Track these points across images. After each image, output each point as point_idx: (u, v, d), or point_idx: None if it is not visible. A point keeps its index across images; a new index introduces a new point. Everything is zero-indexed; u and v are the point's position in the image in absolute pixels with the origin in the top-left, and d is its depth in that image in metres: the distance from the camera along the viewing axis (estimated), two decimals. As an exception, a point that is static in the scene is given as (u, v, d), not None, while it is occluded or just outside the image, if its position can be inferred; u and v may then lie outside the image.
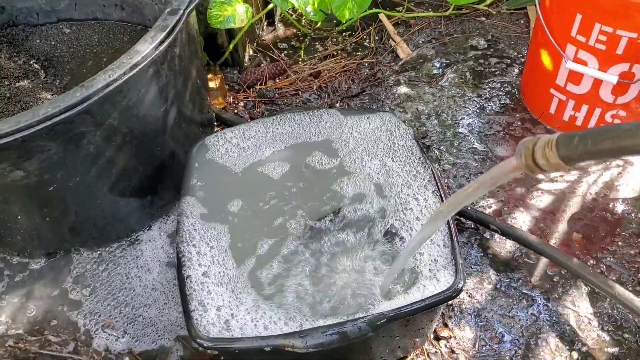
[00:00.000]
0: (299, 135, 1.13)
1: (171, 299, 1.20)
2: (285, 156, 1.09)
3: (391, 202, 1.00)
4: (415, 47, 1.69)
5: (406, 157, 1.06)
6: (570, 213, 1.29)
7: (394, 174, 1.03)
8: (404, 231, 0.96)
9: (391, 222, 0.98)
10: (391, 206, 0.99)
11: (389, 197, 1.00)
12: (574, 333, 1.10)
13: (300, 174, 1.06)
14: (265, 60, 1.71)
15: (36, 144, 0.94)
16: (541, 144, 0.55)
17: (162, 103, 1.10)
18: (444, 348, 1.09)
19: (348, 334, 0.85)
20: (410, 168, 1.04)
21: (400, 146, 1.07)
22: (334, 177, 1.05)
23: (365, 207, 1.00)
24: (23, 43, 1.50)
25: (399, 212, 0.98)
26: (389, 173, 1.04)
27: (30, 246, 1.23)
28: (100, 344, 1.15)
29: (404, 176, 1.03)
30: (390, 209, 0.99)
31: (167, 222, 1.30)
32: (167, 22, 0.99)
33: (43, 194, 1.06)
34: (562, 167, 0.53)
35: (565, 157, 0.52)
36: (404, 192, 1.01)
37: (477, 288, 1.17)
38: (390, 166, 1.04)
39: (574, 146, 0.51)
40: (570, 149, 0.52)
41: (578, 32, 1.23)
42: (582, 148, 0.51)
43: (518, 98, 1.53)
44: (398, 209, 0.99)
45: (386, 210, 0.99)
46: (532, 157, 0.56)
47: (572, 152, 0.52)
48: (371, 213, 0.99)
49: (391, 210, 0.99)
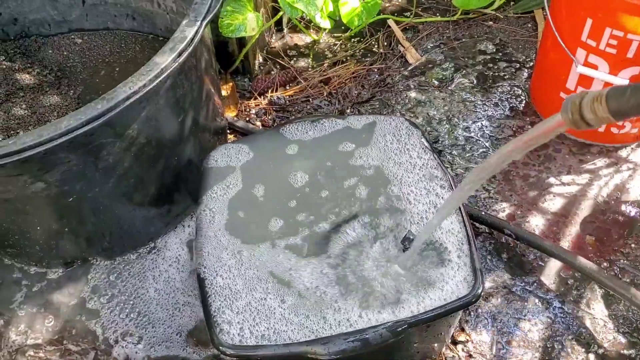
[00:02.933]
0: (314, 141, 1.14)
1: (189, 306, 1.21)
2: (301, 163, 1.10)
3: (409, 207, 1.01)
4: (424, 52, 1.71)
5: (421, 161, 1.06)
6: (583, 216, 1.30)
7: (410, 179, 1.04)
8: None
9: (408, 227, 0.98)
10: (408, 211, 1.00)
11: (407, 203, 1.01)
12: (590, 335, 1.11)
13: (317, 180, 1.07)
14: (275, 67, 1.72)
15: (57, 156, 0.95)
16: (589, 97, 0.55)
17: (179, 113, 1.11)
18: (462, 352, 1.10)
19: (369, 340, 0.86)
20: (426, 172, 1.05)
21: (415, 150, 1.08)
22: (351, 182, 1.06)
23: (382, 212, 1.01)
24: (36, 54, 1.51)
25: (416, 217, 0.99)
26: (405, 178, 1.05)
27: (48, 256, 1.24)
28: (120, 352, 1.16)
29: (421, 181, 1.04)
30: (407, 214, 1.00)
31: (183, 230, 1.31)
32: (186, 33, 1.00)
33: (62, 205, 1.07)
34: (610, 121, 0.54)
35: (616, 110, 0.53)
36: (421, 197, 1.02)
37: (492, 292, 1.18)
38: (406, 171, 1.05)
39: (626, 99, 0.52)
40: (622, 102, 0.52)
41: (588, 37, 1.24)
42: (635, 100, 0.51)
43: (528, 102, 1.54)
44: (415, 214, 0.99)
45: (403, 215, 1.00)
46: (579, 111, 0.56)
47: (623, 105, 0.52)
48: (388, 218, 1.00)
49: (409, 215, 1.00)
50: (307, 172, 1.08)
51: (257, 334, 0.89)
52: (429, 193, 1.02)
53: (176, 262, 1.27)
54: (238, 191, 1.07)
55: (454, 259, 0.93)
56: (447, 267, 0.92)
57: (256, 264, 0.97)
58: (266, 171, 1.10)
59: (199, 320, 1.19)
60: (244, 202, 1.05)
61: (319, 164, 1.09)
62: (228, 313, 0.91)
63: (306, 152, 1.12)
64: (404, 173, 1.06)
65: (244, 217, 1.03)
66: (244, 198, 1.06)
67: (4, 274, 1.30)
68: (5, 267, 1.31)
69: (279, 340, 0.89)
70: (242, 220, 1.03)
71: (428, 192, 1.02)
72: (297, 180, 1.07)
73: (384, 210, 1.01)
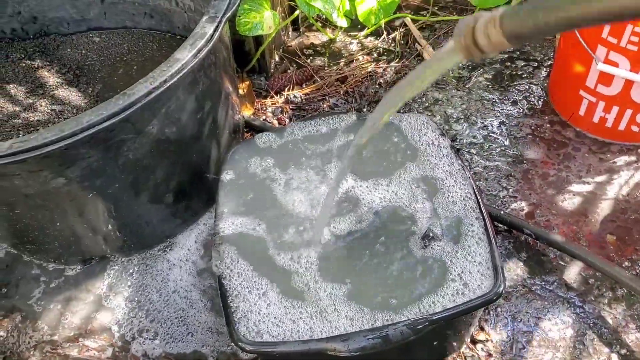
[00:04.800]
0: (332, 139, 1.13)
1: (206, 304, 1.21)
2: (320, 161, 1.10)
3: (427, 205, 1.00)
4: (441, 50, 1.70)
5: (441, 159, 1.06)
6: (603, 215, 1.28)
7: (429, 177, 1.04)
8: (443, 234, 0.96)
9: (428, 225, 0.98)
10: (428, 209, 0.99)
11: (426, 201, 1.00)
12: (611, 335, 1.10)
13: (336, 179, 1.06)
14: (291, 66, 1.72)
15: (78, 151, 0.95)
16: (483, 21, 0.50)
17: (198, 110, 1.11)
18: (481, 351, 1.09)
19: (390, 337, 0.85)
20: (445, 170, 1.04)
21: (434, 148, 1.08)
22: (371, 181, 1.05)
23: (401, 210, 1.01)
24: (55, 52, 1.52)
25: (436, 215, 0.98)
26: (424, 176, 1.04)
27: (67, 253, 1.24)
28: (138, 349, 1.16)
29: (440, 178, 1.03)
30: (427, 212, 0.99)
31: (201, 228, 1.32)
32: (206, 29, 1.00)
33: (82, 201, 1.08)
34: (505, 46, 0.50)
35: (512, 33, 0.48)
36: (440, 195, 1.01)
37: (512, 291, 1.17)
38: (425, 169, 1.05)
39: (521, 19, 0.47)
40: (517, 23, 0.48)
41: (609, 34, 1.23)
42: (532, 20, 0.46)
43: (546, 100, 1.52)
44: (435, 212, 0.99)
45: (423, 213, 0.99)
46: (472, 36, 0.51)
47: (519, 27, 0.48)
48: (408, 216, 0.99)
49: (428, 213, 0.99)
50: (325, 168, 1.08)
51: (276, 331, 0.89)
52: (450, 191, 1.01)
53: (192, 260, 1.27)
54: (256, 188, 1.07)
55: (475, 257, 0.93)
56: (468, 265, 0.92)
57: (274, 260, 0.97)
58: (285, 168, 1.09)
59: (215, 317, 1.19)
60: (263, 198, 1.05)
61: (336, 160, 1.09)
62: (247, 310, 0.91)
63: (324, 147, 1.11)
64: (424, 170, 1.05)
65: (263, 213, 1.03)
66: (262, 194, 1.06)
67: (23, 270, 1.30)
68: (24, 263, 1.31)
69: (298, 336, 0.88)
70: (261, 217, 1.02)
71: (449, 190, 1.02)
72: (314, 176, 1.07)
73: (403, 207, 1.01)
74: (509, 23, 0.48)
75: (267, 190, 1.07)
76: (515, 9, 0.48)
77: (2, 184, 0.98)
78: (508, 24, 0.48)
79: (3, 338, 1.21)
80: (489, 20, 0.50)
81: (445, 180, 1.03)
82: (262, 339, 0.89)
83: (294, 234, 0.99)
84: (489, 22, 0.49)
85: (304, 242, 0.98)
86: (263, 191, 1.06)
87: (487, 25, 0.50)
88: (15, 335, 1.21)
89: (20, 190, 1.00)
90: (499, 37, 0.49)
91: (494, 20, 0.49)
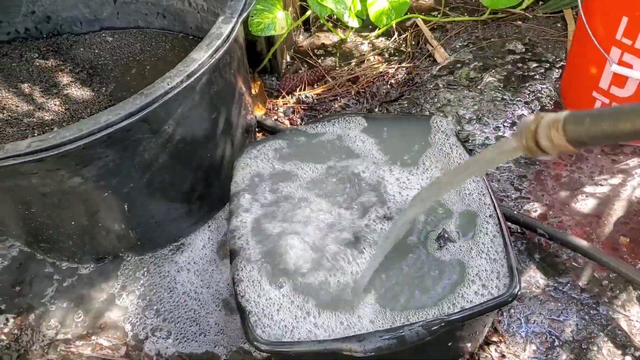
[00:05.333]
0: (345, 139, 1.13)
1: (218, 304, 1.21)
2: (332, 161, 1.10)
3: (443, 205, 1.00)
4: (452, 51, 1.70)
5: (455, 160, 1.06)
6: (616, 217, 1.28)
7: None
8: (457, 235, 0.96)
9: (443, 226, 0.98)
10: (443, 210, 1.00)
11: (441, 201, 1.01)
12: (626, 338, 1.09)
13: (349, 179, 1.06)
14: (302, 66, 1.72)
15: (95, 150, 0.96)
16: (545, 123, 0.50)
17: (212, 110, 1.11)
18: (494, 352, 1.09)
19: (405, 338, 0.85)
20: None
21: (448, 149, 1.08)
22: (384, 182, 1.05)
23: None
24: (68, 51, 1.53)
25: (451, 216, 0.98)
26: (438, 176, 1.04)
27: (81, 251, 1.25)
28: (151, 348, 1.17)
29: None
30: (441, 213, 0.99)
31: (214, 227, 1.32)
32: (222, 29, 1.00)
33: (97, 200, 1.08)
34: (568, 150, 0.50)
35: (575, 139, 0.48)
36: (454, 195, 1.01)
37: (525, 292, 1.17)
38: (439, 169, 1.05)
39: (586, 127, 0.47)
40: (581, 131, 0.47)
41: (624, 35, 1.23)
42: (596, 129, 0.46)
43: (558, 101, 1.52)
44: (450, 213, 0.99)
45: (438, 214, 0.99)
46: (534, 138, 0.51)
47: (583, 134, 0.47)
48: (422, 217, 0.99)
49: (443, 214, 0.99)
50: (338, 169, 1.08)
51: (292, 331, 0.89)
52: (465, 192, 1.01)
53: (205, 259, 1.28)
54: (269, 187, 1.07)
55: (490, 258, 0.93)
56: (483, 266, 0.92)
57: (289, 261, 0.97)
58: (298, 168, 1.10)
59: (227, 318, 1.19)
60: (276, 197, 1.05)
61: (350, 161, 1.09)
62: (262, 309, 0.91)
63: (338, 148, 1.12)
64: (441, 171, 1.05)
65: (277, 212, 1.03)
66: (275, 194, 1.06)
67: (37, 268, 1.31)
68: (38, 262, 1.32)
69: (313, 336, 0.88)
70: (275, 216, 1.03)
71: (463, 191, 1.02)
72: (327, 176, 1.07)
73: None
74: (572, 129, 0.48)
75: (281, 190, 1.07)
76: (580, 115, 0.48)
77: (20, 182, 0.99)
78: (572, 130, 0.48)
79: (17, 336, 1.22)
80: (551, 124, 0.49)
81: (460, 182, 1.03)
82: (278, 338, 0.89)
83: (310, 232, 1.00)
84: (552, 125, 0.49)
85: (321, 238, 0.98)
86: (277, 190, 1.07)
87: (550, 129, 0.49)
88: (29, 334, 1.22)
89: (37, 189, 1.01)
90: (562, 141, 0.49)
91: (557, 124, 0.49)
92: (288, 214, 1.03)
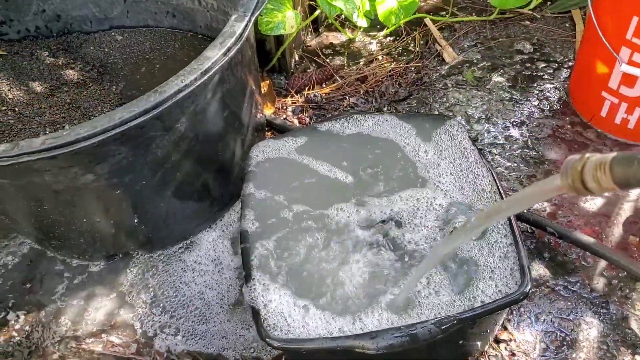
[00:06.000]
0: (355, 138, 1.14)
1: (227, 301, 1.22)
2: (343, 159, 1.10)
3: (454, 204, 1.00)
4: (460, 51, 1.70)
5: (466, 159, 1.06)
6: (626, 216, 1.28)
7: (454, 177, 1.04)
8: (469, 234, 0.96)
9: (455, 225, 0.98)
10: (455, 209, 1.00)
11: (452, 200, 1.01)
12: (636, 337, 1.10)
13: (359, 177, 1.07)
14: (311, 65, 1.72)
15: (109, 148, 0.96)
16: (591, 165, 0.50)
17: (224, 108, 1.12)
18: (504, 351, 1.10)
19: (418, 335, 0.86)
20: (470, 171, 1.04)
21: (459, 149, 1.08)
22: (395, 180, 1.06)
23: (428, 210, 1.01)
24: (78, 50, 1.53)
25: (462, 215, 0.99)
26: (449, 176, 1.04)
27: (91, 249, 1.25)
28: (162, 345, 1.17)
29: (466, 179, 1.03)
30: (453, 212, 1.00)
31: (225, 225, 1.32)
32: (235, 28, 1.01)
33: (109, 198, 1.09)
34: (615, 191, 0.49)
35: (622, 182, 0.48)
36: (465, 194, 1.01)
37: (535, 291, 1.17)
38: (450, 169, 1.05)
39: (634, 170, 0.47)
40: (629, 173, 0.47)
41: (634, 35, 1.23)
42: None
43: (567, 101, 1.52)
44: (461, 212, 0.99)
45: (449, 213, 1.00)
46: (581, 179, 0.51)
47: (631, 177, 0.47)
48: (435, 216, 1.00)
49: (454, 213, 0.99)
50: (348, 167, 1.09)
51: (304, 328, 0.90)
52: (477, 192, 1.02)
53: (215, 257, 1.28)
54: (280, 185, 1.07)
55: (501, 257, 0.93)
56: (494, 264, 0.92)
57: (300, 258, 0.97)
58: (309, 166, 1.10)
59: (237, 315, 1.20)
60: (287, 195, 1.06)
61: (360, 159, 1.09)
62: (275, 306, 0.92)
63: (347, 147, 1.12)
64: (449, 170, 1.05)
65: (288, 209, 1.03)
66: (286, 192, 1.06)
67: (47, 266, 1.32)
68: (49, 259, 1.33)
69: (325, 333, 0.89)
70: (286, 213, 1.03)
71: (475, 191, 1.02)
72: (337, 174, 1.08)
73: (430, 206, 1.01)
74: (620, 171, 0.48)
75: (291, 189, 1.07)
76: (628, 157, 0.47)
77: (33, 179, 0.99)
78: (619, 172, 0.48)
79: (28, 333, 1.22)
80: (598, 165, 0.49)
81: (469, 180, 1.03)
82: (290, 335, 0.89)
83: (321, 231, 1.00)
84: (598, 166, 0.49)
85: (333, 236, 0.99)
86: (290, 187, 1.07)
87: (597, 170, 0.49)
88: (40, 330, 1.22)
89: (50, 186, 1.01)
90: (609, 183, 0.49)
91: (604, 165, 0.48)
92: (302, 212, 1.03)
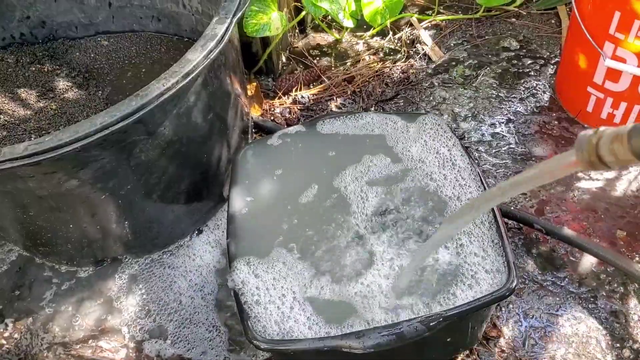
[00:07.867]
0: (342, 138, 1.14)
1: (216, 304, 1.21)
2: (330, 160, 1.10)
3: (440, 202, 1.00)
4: (447, 49, 1.70)
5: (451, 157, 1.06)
6: (613, 211, 1.28)
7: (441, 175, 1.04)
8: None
9: (439, 221, 0.98)
10: (441, 206, 1.00)
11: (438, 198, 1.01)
12: (624, 331, 1.10)
13: (348, 178, 1.07)
14: (298, 66, 1.72)
15: (91, 153, 0.96)
16: (607, 138, 0.49)
17: (208, 111, 1.12)
18: (494, 348, 1.10)
19: (404, 334, 0.85)
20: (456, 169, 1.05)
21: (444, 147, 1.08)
22: (382, 179, 1.06)
23: (415, 208, 1.01)
24: (64, 56, 1.53)
25: (447, 212, 0.99)
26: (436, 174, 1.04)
27: (79, 255, 1.25)
28: (152, 349, 1.17)
29: (451, 177, 1.04)
30: (439, 209, 1.00)
31: (211, 228, 1.32)
32: (216, 30, 1.01)
33: (95, 203, 1.08)
34: (633, 163, 0.48)
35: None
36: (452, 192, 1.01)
37: (523, 287, 1.17)
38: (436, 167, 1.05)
39: None
40: None
41: (617, 30, 1.23)
42: None
43: (554, 97, 1.53)
44: (448, 209, 0.99)
45: (436, 211, 1.00)
46: (597, 152, 0.49)
47: None
48: (421, 214, 1.00)
49: (441, 210, 1.00)
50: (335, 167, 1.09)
51: (291, 329, 0.89)
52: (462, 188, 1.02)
53: (203, 261, 1.28)
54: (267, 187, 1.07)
55: (487, 253, 0.93)
56: (480, 261, 0.92)
57: (287, 258, 0.97)
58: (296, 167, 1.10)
59: (225, 317, 1.19)
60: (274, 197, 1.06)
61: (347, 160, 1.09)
62: (262, 308, 0.91)
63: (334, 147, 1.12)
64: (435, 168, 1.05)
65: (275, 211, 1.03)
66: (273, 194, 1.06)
67: (35, 272, 1.31)
68: (37, 265, 1.32)
69: (312, 334, 0.89)
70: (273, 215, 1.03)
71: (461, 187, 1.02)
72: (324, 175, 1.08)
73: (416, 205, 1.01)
74: (638, 141, 0.46)
75: (279, 191, 1.07)
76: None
77: (17, 186, 0.99)
78: (638, 142, 0.47)
79: (17, 340, 1.22)
80: (614, 137, 0.48)
81: (455, 177, 1.03)
82: (277, 337, 0.89)
83: (307, 232, 1.00)
84: (615, 138, 0.48)
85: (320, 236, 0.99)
86: (274, 191, 1.07)
87: (613, 142, 0.48)
88: (29, 338, 1.22)
89: (34, 192, 1.01)
90: (627, 155, 0.47)
91: (621, 137, 0.48)
92: (289, 211, 1.03)
